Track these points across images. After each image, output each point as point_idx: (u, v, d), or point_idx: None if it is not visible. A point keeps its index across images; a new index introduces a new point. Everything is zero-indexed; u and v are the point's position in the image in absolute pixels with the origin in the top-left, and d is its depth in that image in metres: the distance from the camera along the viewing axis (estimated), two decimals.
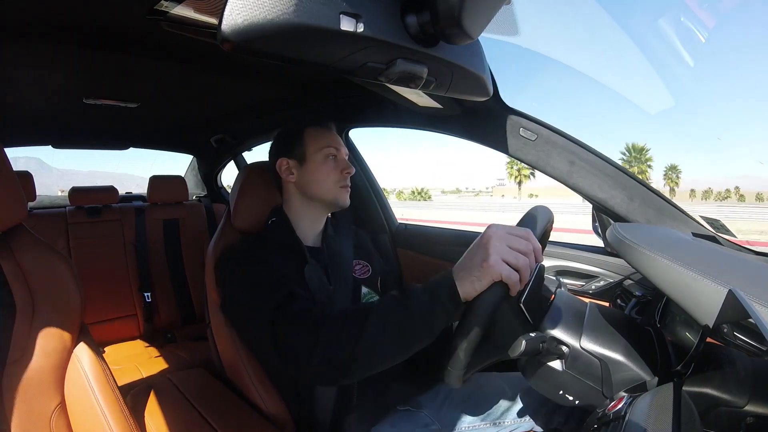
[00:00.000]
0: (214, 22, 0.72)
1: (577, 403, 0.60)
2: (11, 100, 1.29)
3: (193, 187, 2.46)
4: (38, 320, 0.66)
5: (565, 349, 0.60)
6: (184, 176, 2.32)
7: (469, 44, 0.55)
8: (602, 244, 1.09)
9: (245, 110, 1.60)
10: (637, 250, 0.58)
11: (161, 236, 1.96)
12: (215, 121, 1.80)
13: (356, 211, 1.61)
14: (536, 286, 0.65)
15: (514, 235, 0.57)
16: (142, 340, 1.79)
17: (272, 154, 0.95)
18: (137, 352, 1.66)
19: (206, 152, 2.26)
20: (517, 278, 0.54)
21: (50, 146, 1.90)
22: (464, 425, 0.89)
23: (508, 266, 0.54)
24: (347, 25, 0.44)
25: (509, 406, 0.89)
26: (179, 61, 1.05)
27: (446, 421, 0.90)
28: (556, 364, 0.60)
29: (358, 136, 2.17)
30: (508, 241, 0.56)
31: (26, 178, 1.77)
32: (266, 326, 0.70)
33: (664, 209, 0.91)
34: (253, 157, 2.25)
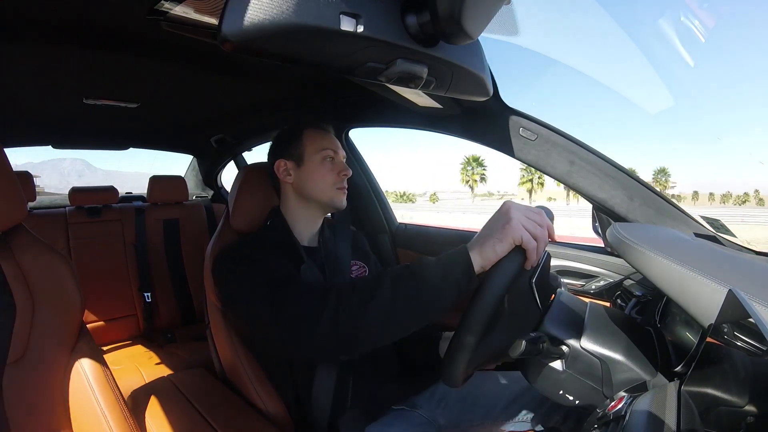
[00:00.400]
0: (214, 22, 0.72)
1: (577, 403, 0.60)
2: (11, 100, 1.29)
3: (193, 187, 2.46)
4: (38, 320, 0.66)
5: (565, 349, 0.60)
6: (184, 176, 2.33)
7: (469, 44, 0.55)
8: (602, 243, 1.09)
9: (245, 110, 1.61)
10: (637, 249, 0.58)
11: (161, 236, 1.96)
12: (215, 121, 1.80)
13: (356, 211, 1.61)
14: (545, 271, 0.66)
15: (530, 210, 0.61)
16: (142, 340, 1.79)
17: (271, 155, 0.95)
18: (137, 352, 1.65)
19: (206, 152, 2.27)
20: (535, 245, 0.58)
21: (50, 146, 1.90)
22: (461, 425, 0.89)
23: (528, 232, 0.58)
24: (347, 25, 0.44)
25: (507, 405, 0.89)
26: (179, 61, 1.06)
27: (443, 420, 0.90)
28: (556, 364, 0.60)
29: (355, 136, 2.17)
30: (525, 212, 0.60)
31: (26, 178, 1.77)
32: (267, 312, 0.70)
33: (664, 209, 0.91)
34: (253, 157, 2.25)
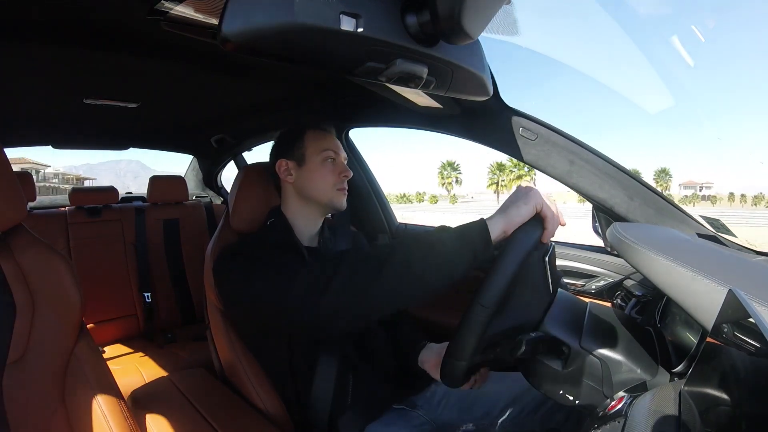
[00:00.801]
0: (214, 22, 0.72)
1: (577, 403, 0.60)
2: (11, 100, 1.29)
3: (193, 187, 2.46)
4: (38, 320, 0.66)
5: (565, 349, 0.60)
6: (184, 176, 2.33)
7: (469, 44, 0.55)
8: (602, 243, 1.09)
9: (245, 110, 1.60)
10: (637, 249, 0.58)
11: (161, 236, 1.96)
12: (215, 121, 1.80)
13: (356, 211, 1.61)
14: (553, 257, 0.67)
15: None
16: (142, 340, 1.79)
17: (272, 154, 0.96)
18: (137, 352, 1.65)
19: (206, 152, 2.27)
20: (553, 213, 0.63)
21: (50, 146, 1.90)
22: (461, 425, 0.89)
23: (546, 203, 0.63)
24: (347, 25, 0.44)
25: (507, 405, 0.89)
26: (179, 61, 1.05)
27: (442, 420, 0.90)
28: (556, 364, 0.60)
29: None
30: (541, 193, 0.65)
31: (26, 178, 1.77)
32: (276, 289, 0.69)
33: (664, 209, 0.91)
34: (253, 157, 2.25)
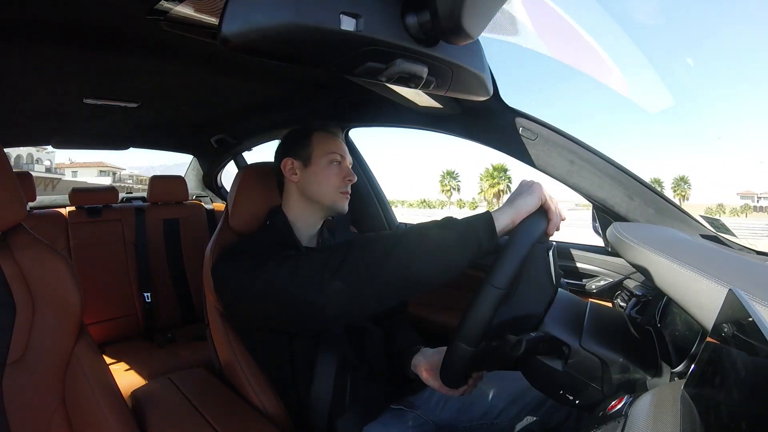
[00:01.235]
0: (214, 22, 0.72)
1: (577, 403, 0.60)
2: (11, 100, 1.29)
3: (193, 187, 2.46)
4: (38, 320, 0.66)
5: (565, 349, 0.60)
6: (184, 176, 2.32)
7: (469, 44, 0.55)
8: (602, 243, 1.09)
9: (245, 110, 1.60)
10: (637, 249, 0.58)
11: (161, 236, 1.96)
12: (215, 121, 1.80)
13: (356, 211, 1.61)
14: (555, 256, 0.67)
15: None
16: (142, 340, 1.79)
17: (278, 152, 0.96)
18: (137, 352, 1.65)
19: (206, 152, 2.27)
20: (556, 206, 0.64)
21: (50, 146, 1.90)
22: (460, 425, 0.89)
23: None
24: (347, 25, 0.44)
25: (507, 405, 0.89)
26: (179, 61, 1.06)
27: (441, 420, 0.90)
28: (556, 363, 0.60)
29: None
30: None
31: (26, 178, 1.77)
32: (281, 278, 0.70)
33: (664, 209, 0.91)
34: (253, 157, 2.25)
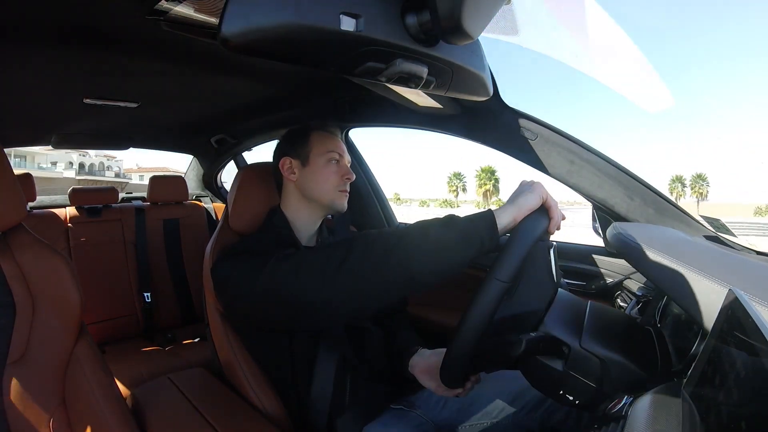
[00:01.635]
0: (214, 22, 0.72)
1: (577, 403, 0.60)
2: (11, 100, 1.28)
3: (194, 187, 2.46)
4: (38, 320, 0.66)
5: (565, 349, 0.60)
6: (184, 176, 2.32)
7: (469, 44, 0.55)
8: (602, 243, 1.09)
9: (245, 110, 1.60)
10: (637, 249, 0.58)
11: (161, 236, 1.96)
12: (215, 121, 1.79)
13: (356, 211, 1.61)
14: (556, 254, 0.67)
15: None
16: (142, 340, 1.79)
17: (277, 152, 0.96)
18: (137, 352, 1.65)
19: (206, 152, 2.26)
20: (556, 203, 0.64)
21: (50, 146, 1.90)
22: (460, 425, 0.89)
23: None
24: (347, 25, 0.44)
25: (507, 405, 0.89)
26: (179, 61, 1.05)
27: (441, 420, 0.90)
28: (556, 363, 0.60)
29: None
30: None
31: (26, 178, 1.77)
32: (284, 273, 0.70)
33: (664, 209, 0.91)
34: (253, 157, 2.25)
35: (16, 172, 0.68)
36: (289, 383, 0.87)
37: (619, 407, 0.52)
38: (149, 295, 1.83)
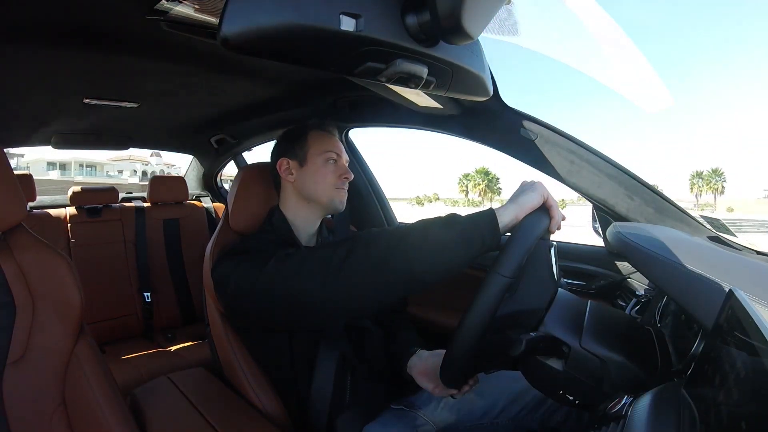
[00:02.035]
0: (214, 22, 0.72)
1: (577, 403, 0.60)
2: (11, 100, 1.28)
3: (194, 187, 2.46)
4: (38, 320, 0.66)
5: (565, 348, 0.60)
6: (184, 176, 2.32)
7: (469, 44, 0.55)
8: (602, 243, 1.09)
9: (245, 110, 1.60)
10: (637, 249, 0.58)
11: (161, 236, 1.96)
12: (215, 121, 1.80)
13: (356, 211, 1.61)
14: (556, 254, 0.67)
15: None
16: (142, 339, 1.79)
17: (274, 153, 0.96)
18: (137, 352, 1.65)
19: (206, 152, 2.26)
20: (557, 205, 0.64)
21: (50, 146, 1.90)
22: (460, 425, 0.89)
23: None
24: (347, 25, 0.44)
25: (507, 405, 0.89)
26: (179, 61, 1.05)
27: (441, 420, 0.90)
28: (556, 363, 0.60)
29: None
30: None
31: (26, 178, 1.77)
32: (286, 272, 0.69)
33: (664, 209, 0.91)
34: (253, 157, 2.25)
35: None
36: (289, 383, 0.87)
37: (619, 407, 0.52)
38: (149, 295, 1.83)
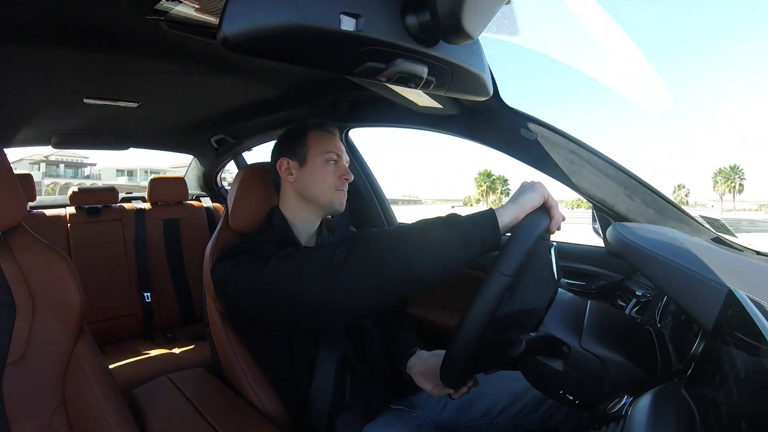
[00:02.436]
0: (214, 22, 0.72)
1: (577, 403, 0.60)
2: (11, 100, 1.29)
3: (194, 187, 2.46)
4: (38, 320, 0.66)
5: (565, 348, 0.60)
6: (184, 176, 2.32)
7: (469, 44, 0.55)
8: (602, 243, 1.09)
9: (245, 110, 1.60)
10: (637, 249, 0.58)
11: (161, 236, 1.96)
12: (215, 121, 1.80)
13: (356, 211, 1.61)
14: (556, 254, 0.67)
15: None
16: (142, 339, 1.79)
17: (274, 152, 0.96)
18: (137, 352, 1.65)
19: (206, 152, 2.27)
20: (557, 205, 0.65)
21: (50, 146, 1.90)
22: (461, 425, 0.89)
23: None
24: (347, 25, 0.44)
25: (507, 405, 0.89)
26: (179, 61, 1.05)
27: (441, 420, 0.90)
28: (556, 363, 0.60)
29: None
30: None
31: (26, 178, 1.77)
32: (286, 272, 0.70)
33: (664, 209, 0.91)
34: (253, 157, 2.25)
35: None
36: (289, 383, 0.87)
37: (619, 407, 0.52)
38: (149, 295, 1.83)
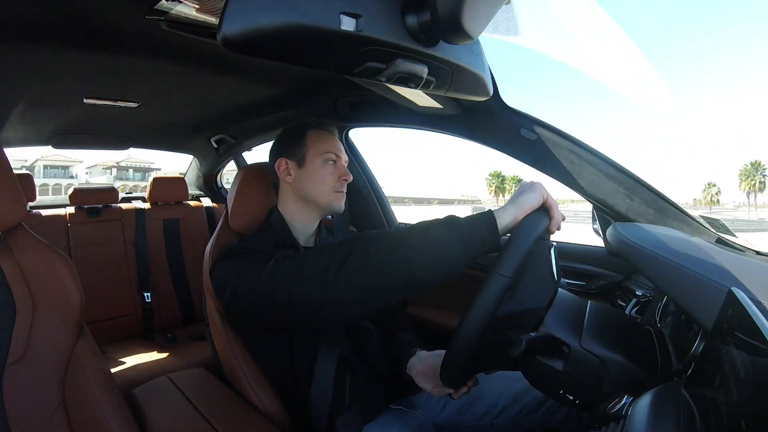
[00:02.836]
0: (214, 22, 0.72)
1: (577, 403, 0.60)
2: (11, 100, 1.29)
3: (194, 187, 2.47)
4: (38, 320, 0.66)
5: (565, 348, 0.60)
6: (184, 176, 2.32)
7: (469, 44, 0.55)
8: (602, 243, 1.09)
9: (245, 110, 1.60)
10: (637, 249, 0.58)
11: (161, 236, 1.96)
12: (215, 121, 1.80)
13: (356, 211, 1.61)
14: (556, 254, 0.67)
15: None
16: (142, 340, 1.79)
17: (272, 153, 0.96)
18: (137, 352, 1.65)
19: (206, 152, 2.27)
20: (556, 203, 0.64)
21: (50, 146, 1.90)
22: (461, 425, 0.89)
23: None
24: (347, 25, 0.44)
25: (507, 405, 0.89)
26: (179, 61, 1.05)
27: (441, 420, 0.90)
28: (556, 363, 0.60)
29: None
30: None
31: (26, 178, 1.77)
32: (285, 272, 0.70)
33: (664, 209, 0.91)
34: (253, 157, 2.25)
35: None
36: (289, 383, 0.87)
37: (619, 407, 0.52)
38: (149, 295, 1.83)
